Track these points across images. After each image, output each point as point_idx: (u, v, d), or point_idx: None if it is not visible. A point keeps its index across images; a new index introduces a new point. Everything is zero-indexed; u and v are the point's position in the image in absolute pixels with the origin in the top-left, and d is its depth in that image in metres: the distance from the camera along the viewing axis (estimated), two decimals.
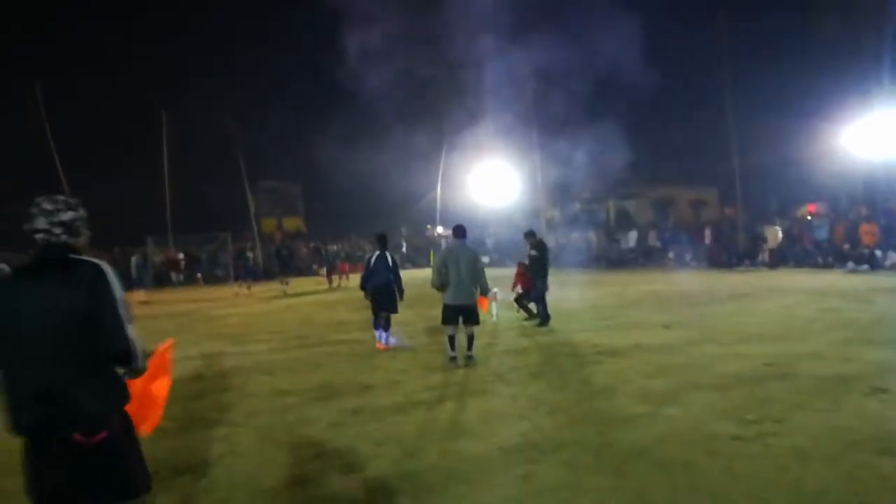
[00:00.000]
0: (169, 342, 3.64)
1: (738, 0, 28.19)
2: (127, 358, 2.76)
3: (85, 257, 2.80)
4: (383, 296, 9.87)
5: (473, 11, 28.75)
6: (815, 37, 28.06)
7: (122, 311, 2.73)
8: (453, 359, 8.55)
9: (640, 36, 26.31)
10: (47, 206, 2.81)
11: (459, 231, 9.03)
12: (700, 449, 4.90)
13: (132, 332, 2.76)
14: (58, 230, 2.79)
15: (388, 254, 10.00)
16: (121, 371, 2.85)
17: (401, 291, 10.02)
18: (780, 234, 24.23)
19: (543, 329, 11.38)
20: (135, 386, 3.02)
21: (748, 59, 29.24)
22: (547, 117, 30.69)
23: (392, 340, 10.10)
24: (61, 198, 2.88)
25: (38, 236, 2.78)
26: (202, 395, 7.46)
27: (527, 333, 11.09)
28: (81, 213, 2.90)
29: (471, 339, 8.75)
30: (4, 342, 2.65)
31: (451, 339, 8.62)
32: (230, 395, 7.38)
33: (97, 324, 2.66)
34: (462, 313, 8.63)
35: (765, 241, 24.98)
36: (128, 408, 2.89)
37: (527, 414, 6.10)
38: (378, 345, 9.99)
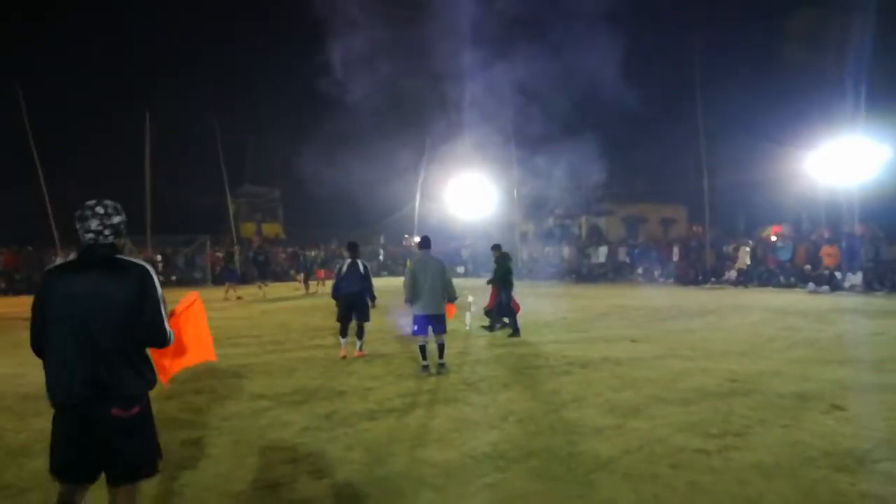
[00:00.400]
0: (194, 295, 4.05)
1: (711, 22, 28.70)
2: (160, 344, 3.18)
3: (131, 258, 3.19)
4: (356, 304, 9.70)
5: (455, 25, 28.91)
6: (784, 62, 28.68)
7: (161, 307, 3.11)
8: (425, 367, 8.52)
9: (615, 55, 26.64)
10: (100, 210, 3.15)
11: (425, 242, 9.10)
12: (665, 461, 4.93)
13: (167, 322, 3.17)
14: (107, 231, 3.14)
15: (360, 261, 9.80)
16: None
17: (373, 299, 9.90)
18: (747, 252, 24.71)
19: (515, 339, 11.39)
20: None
21: (720, 82, 29.72)
22: (524, 133, 30.91)
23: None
24: (110, 203, 3.21)
25: (88, 236, 3.11)
26: (175, 397, 7.32)
27: (498, 343, 11.09)
28: (124, 217, 3.23)
29: (441, 347, 8.70)
30: (62, 324, 2.98)
31: (423, 349, 8.61)
32: (203, 398, 7.26)
33: (141, 316, 3.03)
34: (432, 322, 8.62)
35: (735, 259, 25.31)
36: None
37: (496, 423, 6.09)
38: (342, 351, 9.75)
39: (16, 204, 28.06)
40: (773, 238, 26.96)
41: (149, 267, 3.13)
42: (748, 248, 24.98)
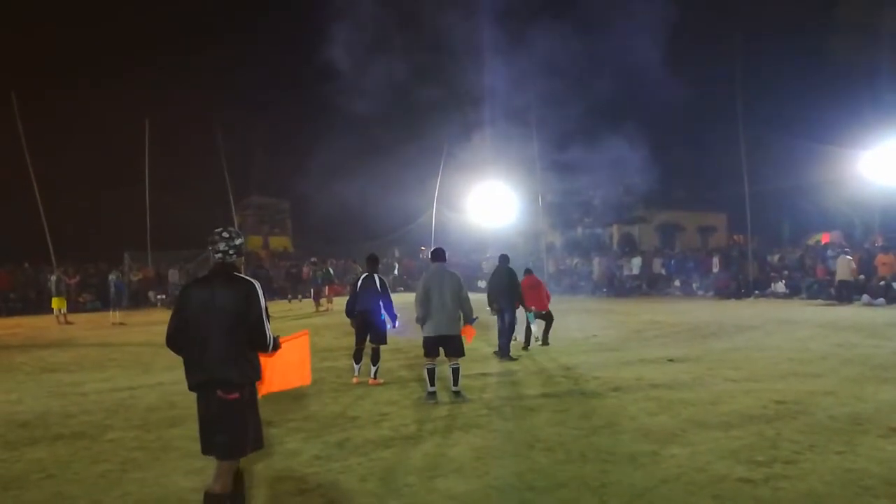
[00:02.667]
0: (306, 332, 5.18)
1: (752, 20, 28.55)
2: (263, 348, 4.21)
3: (242, 275, 4.23)
4: (371, 324, 9.47)
5: (474, 30, 29.10)
6: (831, 59, 28.42)
7: (264, 315, 4.17)
8: (432, 394, 8.24)
9: (650, 57, 26.64)
10: (225, 234, 4.24)
11: (439, 254, 8.81)
12: (706, 492, 4.86)
13: (269, 329, 4.20)
14: (231, 251, 4.23)
15: (376, 276, 9.58)
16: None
17: (393, 318, 9.62)
18: (852, 265, 21.76)
19: (542, 359, 11.33)
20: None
21: (762, 81, 29.55)
22: (550, 138, 30.89)
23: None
24: (233, 229, 4.34)
25: (217, 255, 4.22)
26: (177, 424, 7.39)
27: (524, 363, 11.05)
28: (244, 239, 4.31)
29: (456, 372, 8.37)
30: (197, 324, 4.06)
31: (431, 373, 8.28)
32: None
33: (247, 321, 4.08)
34: (444, 344, 8.29)
35: (820, 269, 23.74)
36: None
37: (522, 451, 6.05)
38: (355, 379, 9.57)
39: (10, 219, 28.58)
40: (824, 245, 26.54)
41: (255, 282, 4.18)
42: (850, 258, 21.96)
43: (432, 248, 9.06)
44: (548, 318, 13.26)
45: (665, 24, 26.84)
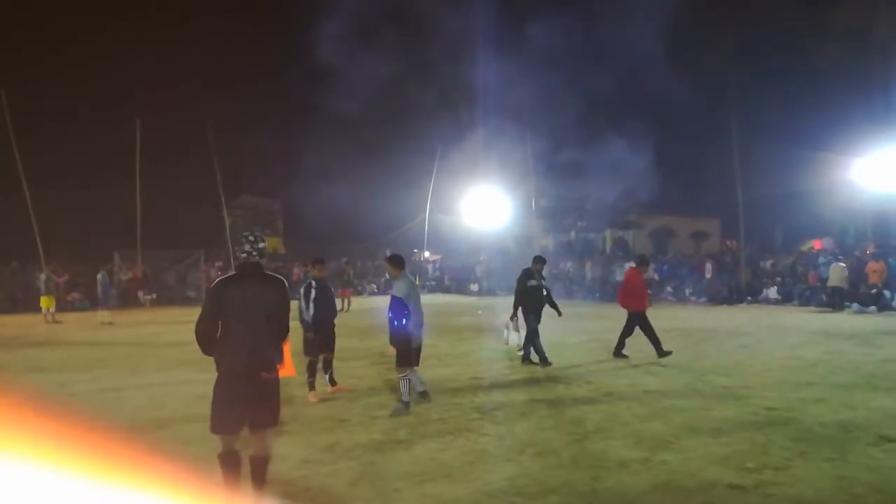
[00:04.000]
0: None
1: (745, 26, 28.68)
2: (284, 337, 4.92)
3: (271, 272, 4.84)
4: (328, 333, 8.83)
5: (467, 32, 29.17)
6: (824, 67, 28.57)
7: (288, 309, 4.85)
8: (408, 404, 7.84)
9: (644, 64, 26.76)
10: (251, 238, 4.76)
11: (396, 260, 8.10)
12: (697, 498, 4.87)
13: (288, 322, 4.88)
14: (255, 253, 4.73)
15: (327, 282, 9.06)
16: None
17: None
18: (844, 272, 21.85)
19: (535, 364, 11.33)
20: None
21: (755, 88, 29.68)
22: (544, 142, 30.97)
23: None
24: (259, 234, 4.93)
25: (243, 255, 4.73)
26: (164, 426, 7.35)
27: (515, 369, 11.05)
28: (266, 244, 4.90)
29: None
30: (235, 316, 4.59)
31: (409, 382, 7.91)
32: (195, 427, 7.25)
33: (277, 314, 4.72)
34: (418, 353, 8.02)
35: (825, 279, 22.94)
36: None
37: (513, 455, 6.05)
38: (311, 397, 8.61)
39: None
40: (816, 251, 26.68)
41: (283, 279, 4.82)
42: (842, 265, 22.13)
43: (390, 254, 8.43)
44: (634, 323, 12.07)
45: (659, 30, 26.98)
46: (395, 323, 7.78)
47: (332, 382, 9.04)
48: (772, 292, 24.71)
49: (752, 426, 6.88)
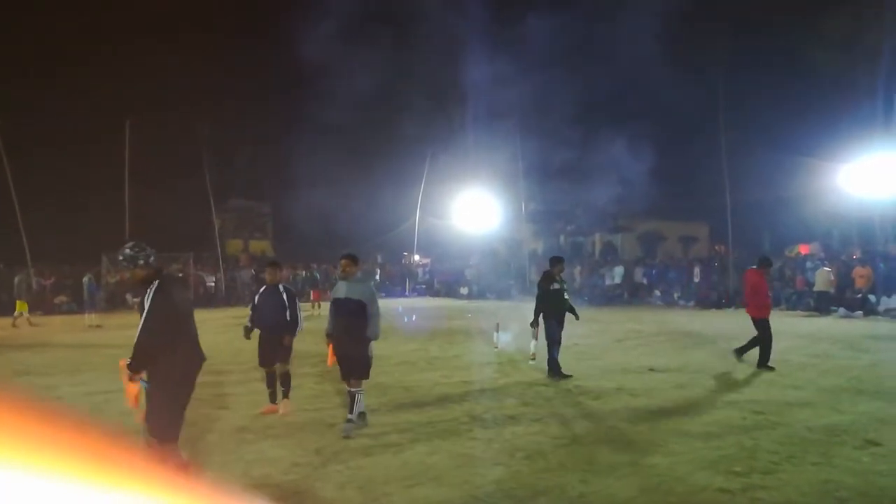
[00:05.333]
0: None
1: (734, 32, 28.85)
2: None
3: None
4: (276, 341, 8.01)
5: (457, 34, 29.22)
6: (812, 74, 28.79)
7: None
8: (364, 415, 7.39)
9: (633, 68, 26.87)
10: (136, 248, 5.01)
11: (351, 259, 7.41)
12: (685, 502, 4.88)
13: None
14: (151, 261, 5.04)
15: (281, 287, 8.21)
16: None
17: (292, 330, 8.18)
18: (831, 277, 22.04)
19: (524, 368, 11.33)
20: None
21: (744, 93, 29.83)
22: (533, 144, 31.03)
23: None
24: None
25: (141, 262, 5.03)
26: None
27: (505, 372, 11.05)
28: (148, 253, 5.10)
29: (353, 399, 7.27)
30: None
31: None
32: (183, 430, 7.22)
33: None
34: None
35: (811, 283, 23.40)
36: None
37: (502, 459, 6.05)
38: (267, 409, 8.02)
39: None
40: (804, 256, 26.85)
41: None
42: (828, 269, 22.42)
43: (347, 252, 7.46)
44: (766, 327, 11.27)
45: (649, 36, 27.09)
46: (354, 330, 7.07)
47: (272, 398, 8.12)
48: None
49: (740, 430, 6.91)
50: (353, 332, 7.09)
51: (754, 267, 11.77)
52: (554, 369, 10.28)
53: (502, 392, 9.30)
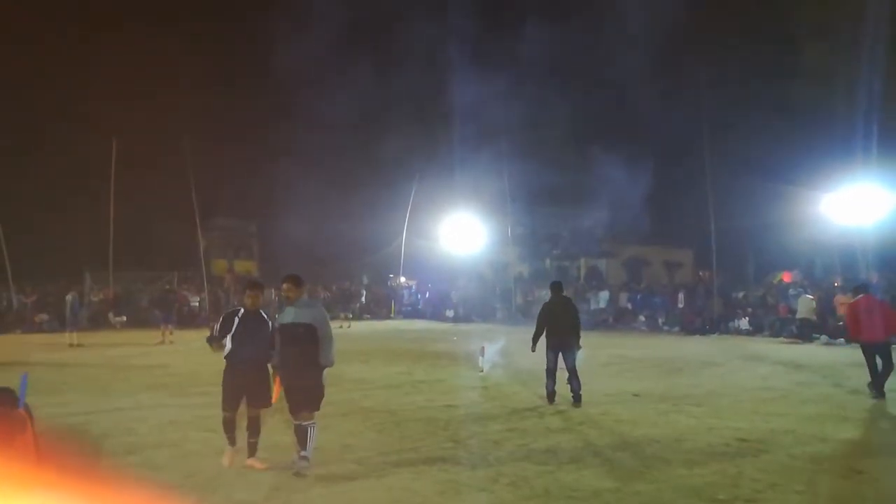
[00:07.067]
0: None
1: (719, 60, 29.32)
2: None
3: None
4: (254, 379, 6.68)
5: (443, 58, 29.51)
6: (795, 103, 29.23)
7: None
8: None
9: (618, 92, 27.20)
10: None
11: (296, 282, 6.69)
12: None
13: None
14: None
15: (263, 312, 6.89)
16: None
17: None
18: (813, 304, 22.15)
19: (507, 393, 11.32)
20: None
21: (729, 121, 30.23)
22: (520, 168, 31.24)
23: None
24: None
25: None
26: (134, 451, 7.21)
27: (489, 397, 11.03)
28: None
29: (303, 433, 6.47)
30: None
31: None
32: (165, 453, 7.15)
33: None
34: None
35: (794, 310, 23.33)
36: None
37: (486, 485, 6.03)
38: (227, 458, 6.71)
39: None
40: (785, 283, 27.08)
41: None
42: (811, 297, 22.55)
43: (289, 274, 6.75)
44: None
45: (632, 62, 27.48)
46: (306, 357, 6.37)
47: (251, 451, 6.70)
48: (743, 323, 24.96)
49: (724, 457, 6.93)
50: (305, 359, 6.34)
51: (861, 295, 11.21)
52: (550, 392, 10.37)
53: (487, 417, 9.28)
